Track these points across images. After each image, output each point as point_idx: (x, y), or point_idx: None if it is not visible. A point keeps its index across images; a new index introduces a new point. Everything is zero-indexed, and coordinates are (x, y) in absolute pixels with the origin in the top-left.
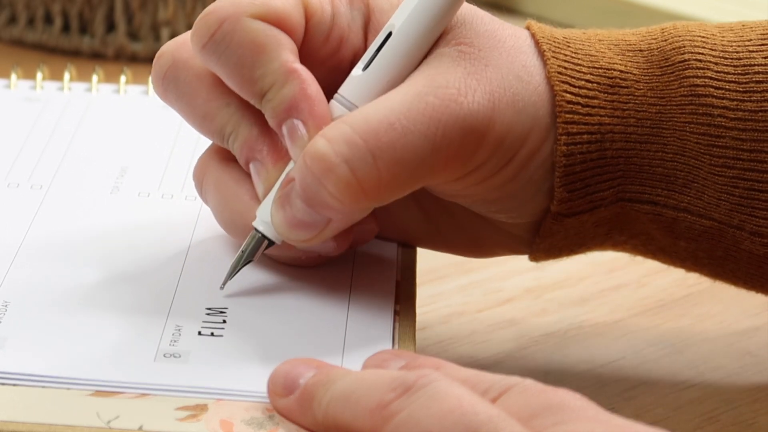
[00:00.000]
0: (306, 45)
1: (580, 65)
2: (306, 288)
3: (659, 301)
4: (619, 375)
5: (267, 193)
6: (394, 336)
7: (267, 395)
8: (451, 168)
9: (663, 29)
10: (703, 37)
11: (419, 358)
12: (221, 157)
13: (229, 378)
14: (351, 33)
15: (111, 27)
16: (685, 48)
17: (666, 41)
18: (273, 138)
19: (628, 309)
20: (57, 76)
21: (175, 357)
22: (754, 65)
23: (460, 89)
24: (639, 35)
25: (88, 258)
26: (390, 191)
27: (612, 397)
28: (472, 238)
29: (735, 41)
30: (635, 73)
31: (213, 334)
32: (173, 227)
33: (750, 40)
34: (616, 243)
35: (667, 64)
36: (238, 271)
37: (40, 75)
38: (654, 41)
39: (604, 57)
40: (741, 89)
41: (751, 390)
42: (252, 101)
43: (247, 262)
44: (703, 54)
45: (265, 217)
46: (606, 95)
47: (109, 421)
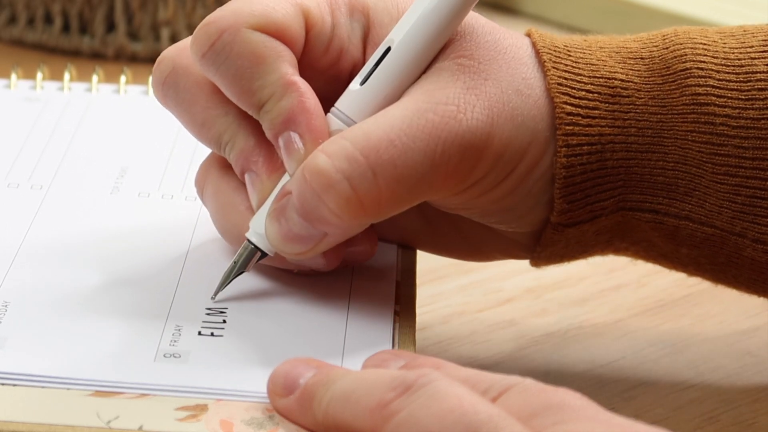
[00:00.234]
0: (305, 55)
1: (580, 75)
2: (306, 288)
3: (659, 301)
4: (619, 375)
5: (261, 204)
6: (394, 336)
7: (267, 395)
8: (450, 184)
9: (664, 36)
10: (705, 45)
11: (419, 358)
12: (221, 165)
13: (229, 378)
14: (351, 45)
15: (111, 27)
16: (687, 56)
17: (667, 49)
18: (269, 149)
19: (628, 309)
20: (57, 76)
21: (175, 357)
22: (755, 72)
23: (459, 106)
24: (640, 42)
25: (88, 258)
26: (389, 207)
27: (612, 397)
28: (472, 244)
29: (736, 48)
30: (636, 82)
31: (213, 334)
32: (173, 228)
33: (752, 46)
34: (617, 249)
35: (669, 72)
36: (230, 282)
37: (40, 75)
38: (655, 49)
39: (605, 66)
40: (743, 97)
41: (751, 390)
42: (250, 112)
43: (240, 273)
44: (705, 62)
45: (259, 229)
46: (607, 105)
47: (109, 422)
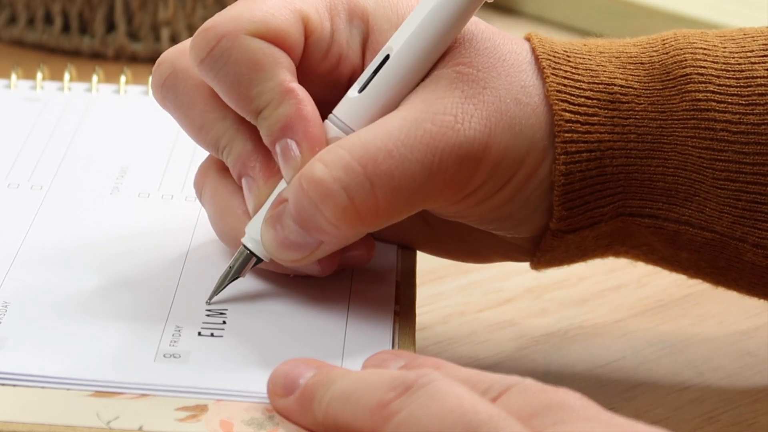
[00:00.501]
0: (304, 61)
1: (580, 81)
2: (306, 289)
3: (659, 301)
4: (619, 375)
5: (257, 210)
6: (394, 336)
7: (267, 395)
8: (448, 193)
9: (664, 40)
10: (705, 49)
11: (419, 358)
12: (219, 167)
13: (229, 378)
14: (350, 51)
15: (111, 27)
16: (687, 61)
17: (667, 54)
18: (267, 154)
19: (628, 309)
20: (57, 76)
21: (175, 357)
22: (756, 77)
23: (456, 116)
24: (640, 46)
25: (87, 259)
26: (386, 217)
27: (612, 397)
28: (472, 247)
29: (736, 52)
30: (636, 87)
31: (213, 334)
32: (173, 228)
33: (752, 51)
34: (617, 253)
35: (669, 78)
36: (225, 287)
37: (40, 75)
38: (655, 54)
39: (604, 71)
40: (743, 102)
41: (751, 390)
42: (248, 118)
43: (235, 278)
44: (705, 67)
45: (255, 235)
46: (606, 111)
47: (109, 422)
